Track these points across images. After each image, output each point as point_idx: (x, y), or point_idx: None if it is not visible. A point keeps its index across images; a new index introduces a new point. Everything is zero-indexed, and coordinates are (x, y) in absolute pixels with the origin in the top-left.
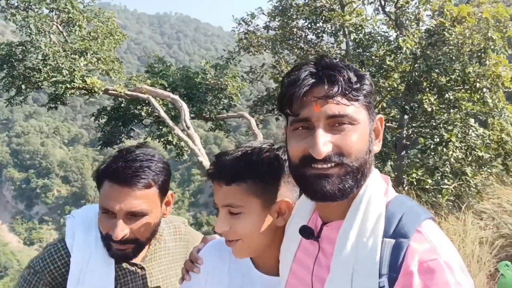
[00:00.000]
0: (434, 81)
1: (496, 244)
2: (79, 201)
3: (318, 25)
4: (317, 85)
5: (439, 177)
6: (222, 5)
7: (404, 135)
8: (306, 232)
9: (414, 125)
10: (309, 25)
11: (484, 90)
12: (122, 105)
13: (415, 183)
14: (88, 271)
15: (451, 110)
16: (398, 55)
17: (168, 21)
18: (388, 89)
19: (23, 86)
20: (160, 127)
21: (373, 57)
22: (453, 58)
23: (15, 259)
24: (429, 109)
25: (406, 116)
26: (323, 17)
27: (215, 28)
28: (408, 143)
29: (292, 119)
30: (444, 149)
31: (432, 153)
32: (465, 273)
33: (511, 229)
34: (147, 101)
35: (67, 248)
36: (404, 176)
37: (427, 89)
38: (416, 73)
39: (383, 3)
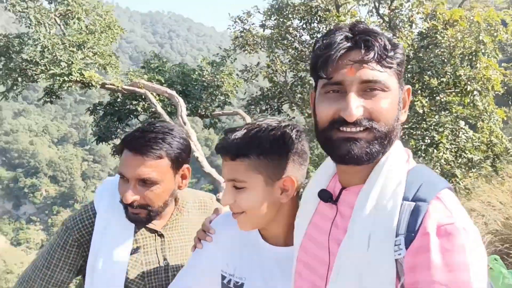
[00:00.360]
0: (426, 83)
1: (485, 240)
2: (67, 201)
3: (313, 25)
4: (352, 50)
5: None
6: (215, 5)
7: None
8: (325, 195)
9: (405, 126)
10: (304, 25)
11: (475, 93)
12: (119, 100)
13: None
14: (110, 231)
15: (442, 113)
16: None
17: (160, 20)
18: None
19: (19, 79)
20: None
21: None
22: (445, 60)
23: (2, 260)
24: (421, 111)
25: None
26: (318, 17)
27: (208, 29)
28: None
29: (324, 82)
30: (435, 151)
31: (423, 155)
32: (479, 237)
33: (500, 225)
34: (143, 96)
35: (95, 210)
36: None
37: (419, 91)
38: (409, 75)
39: (377, 5)
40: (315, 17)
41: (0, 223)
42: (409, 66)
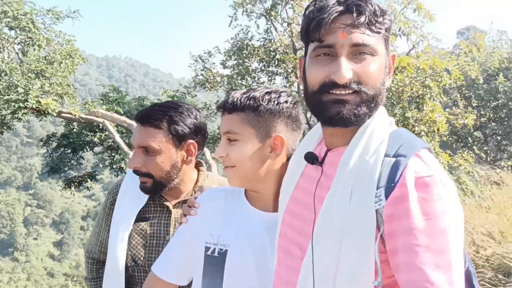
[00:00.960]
0: None
1: None
2: (7, 249)
3: (271, 68)
4: (344, 14)
5: None
6: (174, 53)
7: None
8: (311, 158)
9: None
10: (263, 67)
11: (422, 134)
12: (74, 130)
13: None
14: (125, 198)
15: None
16: None
17: (117, 64)
18: None
19: None
20: (113, 155)
21: None
22: (394, 103)
23: None
24: None
25: None
26: (276, 61)
27: (165, 75)
28: None
29: (316, 45)
30: None
31: None
32: (455, 190)
33: None
34: (101, 126)
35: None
36: None
37: None
38: None
39: None
40: (273, 60)
41: None
42: None
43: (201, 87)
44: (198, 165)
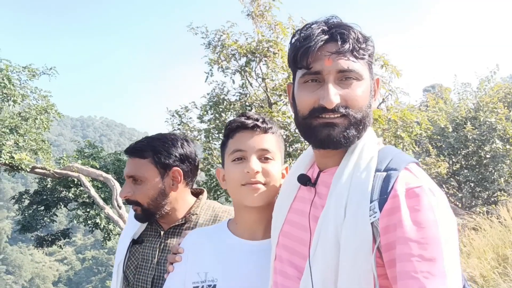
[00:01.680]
0: None
1: None
2: None
3: None
4: (329, 42)
5: None
6: (150, 112)
7: None
8: (304, 179)
9: None
10: None
11: None
12: (48, 186)
13: None
14: (128, 224)
15: None
16: None
17: (92, 125)
18: None
19: None
20: (88, 210)
21: (298, 151)
22: None
23: None
24: None
25: None
26: None
27: (141, 134)
28: None
29: (304, 72)
30: None
31: None
32: (445, 198)
33: None
34: (76, 181)
35: None
36: None
37: None
38: None
39: None
40: None
41: None
42: None
43: None
44: (199, 193)
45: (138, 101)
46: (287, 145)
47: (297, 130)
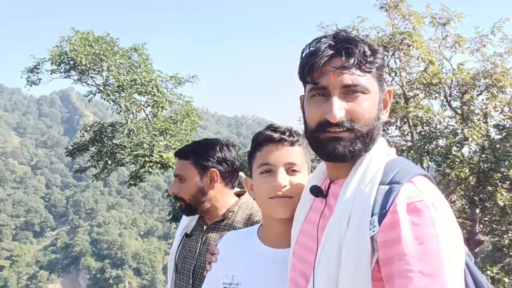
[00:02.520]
0: (504, 174)
1: None
2: None
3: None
4: (335, 57)
5: None
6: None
7: (477, 231)
8: (316, 190)
9: (486, 219)
10: None
11: None
12: None
13: (490, 281)
14: (182, 220)
15: None
16: (464, 147)
17: (245, 123)
18: (457, 180)
19: (109, 162)
20: None
21: (438, 148)
22: None
23: None
24: (502, 204)
25: (477, 210)
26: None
27: None
28: (482, 239)
29: (311, 87)
30: None
31: (508, 251)
32: (449, 211)
33: None
34: None
35: None
36: None
37: (499, 182)
38: (485, 165)
39: (448, 98)
40: None
41: None
42: (483, 156)
43: None
44: (240, 194)
45: (287, 99)
46: (427, 141)
47: (437, 126)
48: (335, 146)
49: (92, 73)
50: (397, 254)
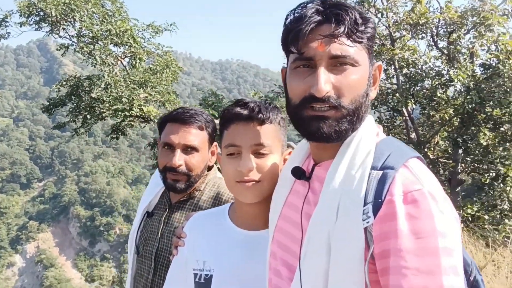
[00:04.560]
0: (488, 114)
1: None
2: None
3: None
4: (323, 24)
5: (498, 215)
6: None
7: (459, 170)
8: (298, 172)
9: (468, 159)
10: None
11: None
12: None
13: (470, 219)
14: (143, 197)
15: (508, 144)
16: (450, 88)
17: (229, 67)
18: (440, 122)
19: (88, 116)
20: None
21: (424, 90)
22: (508, 90)
23: None
24: (485, 143)
25: (460, 151)
26: (374, 53)
27: (274, 73)
28: (463, 178)
29: (295, 57)
30: (501, 185)
31: (489, 189)
32: (448, 203)
33: None
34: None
35: None
36: (459, 212)
37: (482, 122)
38: (469, 106)
39: (435, 38)
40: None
41: (76, 260)
42: (468, 97)
43: None
44: (210, 168)
45: (271, 43)
46: (412, 83)
47: (423, 67)
48: (319, 125)
49: (64, 24)
50: (392, 248)
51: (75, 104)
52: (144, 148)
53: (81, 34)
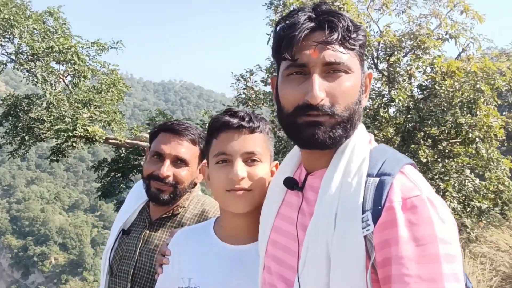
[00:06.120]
0: (427, 132)
1: (493, 281)
2: (76, 269)
3: None
4: (316, 30)
5: None
6: (225, 73)
7: None
8: (290, 183)
9: None
10: None
11: (477, 140)
12: (122, 155)
13: None
14: (120, 212)
15: (446, 160)
16: (391, 107)
17: (172, 88)
18: (383, 140)
19: (26, 137)
20: None
21: (367, 110)
22: (445, 109)
23: None
24: (424, 160)
25: None
26: None
27: (218, 95)
28: None
29: (288, 64)
30: None
31: None
32: (446, 209)
33: (508, 267)
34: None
35: None
36: None
37: (422, 141)
38: (409, 124)
39: (375, 61)
40: None
41: None
42: (409, 116)
43: (244, 105)
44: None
45: (213, 65)
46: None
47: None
48: (314, 131)
49: (2, 40)
50: (394, 256)
51: (11, 125)
52: (82, 172)
53: (20, 51)
